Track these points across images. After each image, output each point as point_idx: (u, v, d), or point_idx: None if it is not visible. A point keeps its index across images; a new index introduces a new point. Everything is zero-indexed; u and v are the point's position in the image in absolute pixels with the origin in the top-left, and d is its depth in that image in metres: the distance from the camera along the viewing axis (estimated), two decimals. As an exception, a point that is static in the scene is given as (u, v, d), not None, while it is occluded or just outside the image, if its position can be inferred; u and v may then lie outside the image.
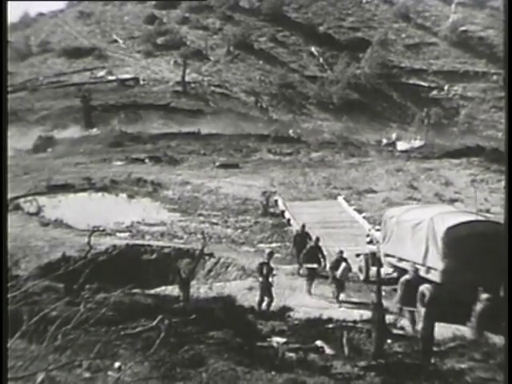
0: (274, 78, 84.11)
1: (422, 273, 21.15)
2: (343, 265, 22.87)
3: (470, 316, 18.87)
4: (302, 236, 27.16)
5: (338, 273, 22.74)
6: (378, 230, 28.12)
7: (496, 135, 72.55)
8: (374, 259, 24.21)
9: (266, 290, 21.78)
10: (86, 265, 10.09)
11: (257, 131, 65.37)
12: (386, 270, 22.93)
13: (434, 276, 20.99)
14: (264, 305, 21.61)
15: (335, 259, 23.31)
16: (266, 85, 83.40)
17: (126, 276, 22.08)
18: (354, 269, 24.85)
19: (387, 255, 23.81)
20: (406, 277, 20.39)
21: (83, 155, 53.68)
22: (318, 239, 25.19)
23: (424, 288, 20.32)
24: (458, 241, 20.90)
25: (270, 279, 22.01)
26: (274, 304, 21.54)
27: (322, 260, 24.45)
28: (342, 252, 23.73)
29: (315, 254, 24.48)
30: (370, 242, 26.34)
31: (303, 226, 27.90)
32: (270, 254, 23.08)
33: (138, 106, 72.71)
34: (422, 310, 20.43)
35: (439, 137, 68.76)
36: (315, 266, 24.19)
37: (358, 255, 25.46)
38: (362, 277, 24.98)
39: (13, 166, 39.11)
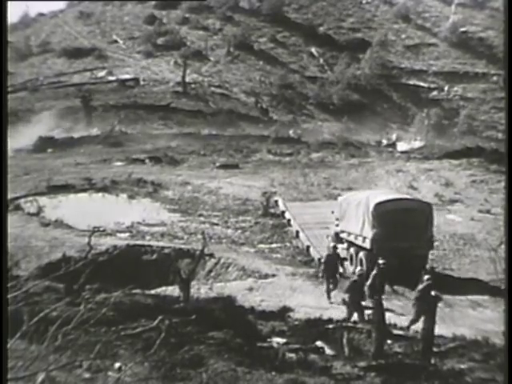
0: (274, 79, 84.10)
1: (360, 242, 25.93)
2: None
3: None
4: (334, 257, 24.03)
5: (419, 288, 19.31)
6: None
7: (496, 136, 72.57)
8: (338, 238, 28.34)
9: (358, 305, 19.84)
10: (86, 265, 10.10)
11: (257, 132, 65.40)
12: (342, 246, 27.45)
13: (367, 244, 25.39)
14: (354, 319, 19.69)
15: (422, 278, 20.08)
16: (266, 85, 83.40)
17: (126, 276, 22.13)
18: (324, 249, 27.80)
19: (342, 231, 28.31)
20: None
21: (83, 155, 53.67)
22: (384, 264, 21.90)
23: (361, 254, 25.52)
24: (385, 214, 25.06)
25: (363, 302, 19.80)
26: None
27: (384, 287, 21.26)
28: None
29: (380, 282, 21.02)
30: (337, 225, 29.27)
31: (335, 247, 24.87)
32: (361, 276, 20.64)
33: (138, 107, 72.71)
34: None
35: (439, 137, 68.76)
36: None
37: (327, 236, 29.21)
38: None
39: (13, 167, 39.07)
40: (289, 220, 34.87)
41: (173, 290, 22.47)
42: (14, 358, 7.83)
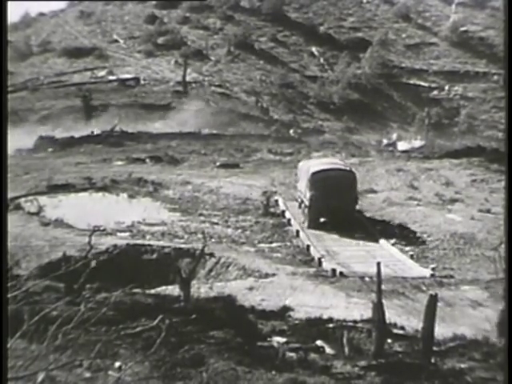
0: (274, 78, 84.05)
1: (305, 200, 33.49)
2: None
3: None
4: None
5: None
6: None
7: (496, 135, 72.55)
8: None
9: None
10: (86, 264, 10.10)
11: (257, 131, 65.41)
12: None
13: (307, 201, 32.97)
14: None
15: None
16: (267, 85, 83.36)
17: (126, 276, 22.13)
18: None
19: (298, 190, 36.08)
20: None
21: (84, 155, 53.66)
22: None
23: (306, 210, 33.32)
24: (319, 181, 32.69)
25: None
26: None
27: None
28: None
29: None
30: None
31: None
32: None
33: (139, 106, 72.72)
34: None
35: (440, 137, 68.75)
36: None
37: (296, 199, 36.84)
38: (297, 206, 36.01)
39: (13, 166, 39.09)
40: (289, 219, 34.87)
41: (173, 290, 22.42)
42: (14, 358, 7.83)
